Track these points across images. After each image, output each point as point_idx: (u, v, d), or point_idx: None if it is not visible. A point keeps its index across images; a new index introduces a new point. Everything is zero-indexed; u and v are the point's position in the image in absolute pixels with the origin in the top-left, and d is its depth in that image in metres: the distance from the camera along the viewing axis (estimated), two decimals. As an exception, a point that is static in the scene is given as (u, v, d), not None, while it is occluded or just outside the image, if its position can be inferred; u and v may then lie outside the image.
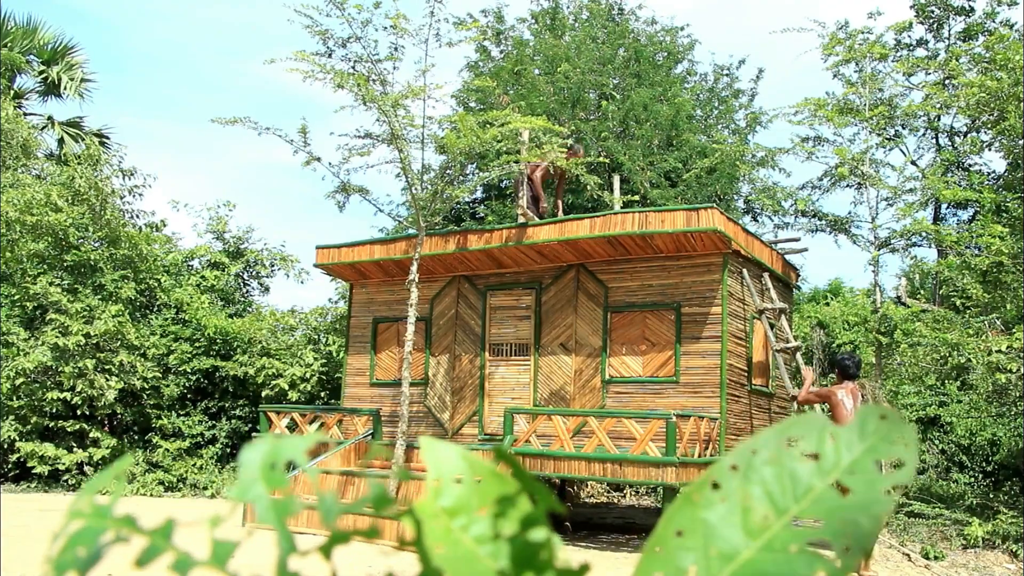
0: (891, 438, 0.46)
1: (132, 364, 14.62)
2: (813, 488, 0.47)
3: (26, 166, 17.89)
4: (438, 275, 12.49)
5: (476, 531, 0.52)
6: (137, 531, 0.56)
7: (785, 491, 0.47)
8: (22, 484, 14.39)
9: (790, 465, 0.48)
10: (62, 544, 0.56)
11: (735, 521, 0.47)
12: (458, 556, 0.51)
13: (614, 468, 9.29)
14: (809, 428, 0.48)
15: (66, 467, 14.10)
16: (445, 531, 0.52)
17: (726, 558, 0.46)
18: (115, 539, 0.56)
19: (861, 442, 0.47)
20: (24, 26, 22.64)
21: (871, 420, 0.47)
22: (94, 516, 0.57)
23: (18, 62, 22.03)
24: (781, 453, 0.48)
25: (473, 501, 0.53)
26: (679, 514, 0.49)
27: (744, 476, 0.48)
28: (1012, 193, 12.82)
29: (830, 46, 13.78)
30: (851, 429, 0.48)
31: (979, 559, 9.61)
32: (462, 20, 16.80)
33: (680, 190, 16.92)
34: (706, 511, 0.48)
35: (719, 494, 0.48)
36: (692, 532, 0.47)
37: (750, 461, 0.48)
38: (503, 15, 20.01)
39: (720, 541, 0.47)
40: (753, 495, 0.47)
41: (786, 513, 0.47)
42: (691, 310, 10.64)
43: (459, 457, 0.56)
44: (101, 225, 15.51)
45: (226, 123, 10.46)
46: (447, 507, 0.54)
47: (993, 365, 10.61)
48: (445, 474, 0.55)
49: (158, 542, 0.55)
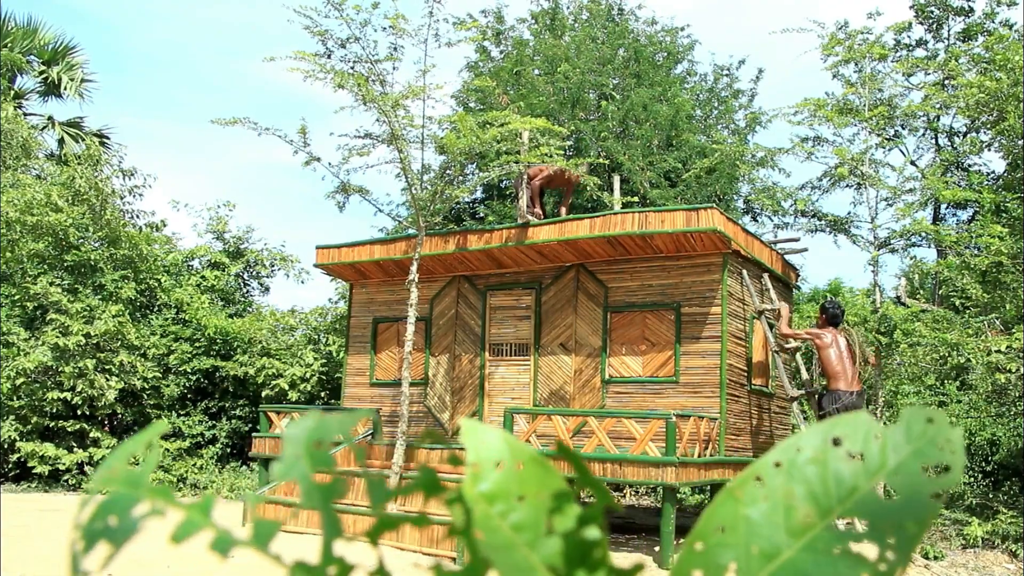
0: (938, 442, 0.46)
1: (132, 364, 14.61)
2: (858, 489, 0.47)
3: (26, 166, 17.88)
4: (438, 275, 12.49)
5: (515, 518, 0.51)
6: (174, 504, 0.52)
7: (829, 491, 0.47)
8: (22, 484, 14.38)
9: (834, 465, 0.48)
10: (92, 510, 0.52)
11: (777, 520, 0.47)
12: (497, 543, 0.50)
13: (614, 468, 9.29)
14: (854, 427, 0.48)
15: (66, 467, 14.08)
16: (484, 517, 0.51)
17: (767, 557, 0.46)
18: (150, 511, 0.51)
19: (908, 444, 0.47)
20: (24, 26, 22.63)
21: (918, 422, 0.47)
22: (126, 483, 0.53)
23: (18, 62, 22.02)
24: (826, 452, 0.48)
25: (513, 488, 0.52)
26: (721, 509, 0.48)
27: (788, 474, 0.48)
28: (1012, 193, 12.83)
29: (829, 46, 13.77)
30: (897, 430, 0.48)
31: (979, 559, 9.62)
32: (462, 20, 16.80)
33: (680, 190, 16.92)
34: (749, 508, 0.48)
35: (762, 491, 0.48)
36: (734, 529, 0.47)
37: (794, 459, 0.48)
38: (503, 15, 20.01)
39: (761, 539, 0.46)
40: (796, 494, 0.47)
41: (829, 513, 0.47)
42: (691, 310, 10.64)
43: (501, 441, 0.55)
44: (101, 225, 15.50)
45: (226, 123, 10.45)
46: (485, 492, 0.53)
47: (993, 365, 10.62)
48: (485, 458, 0.54)
49: (197, 517, 0.51)
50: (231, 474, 14.70)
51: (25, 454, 14.00)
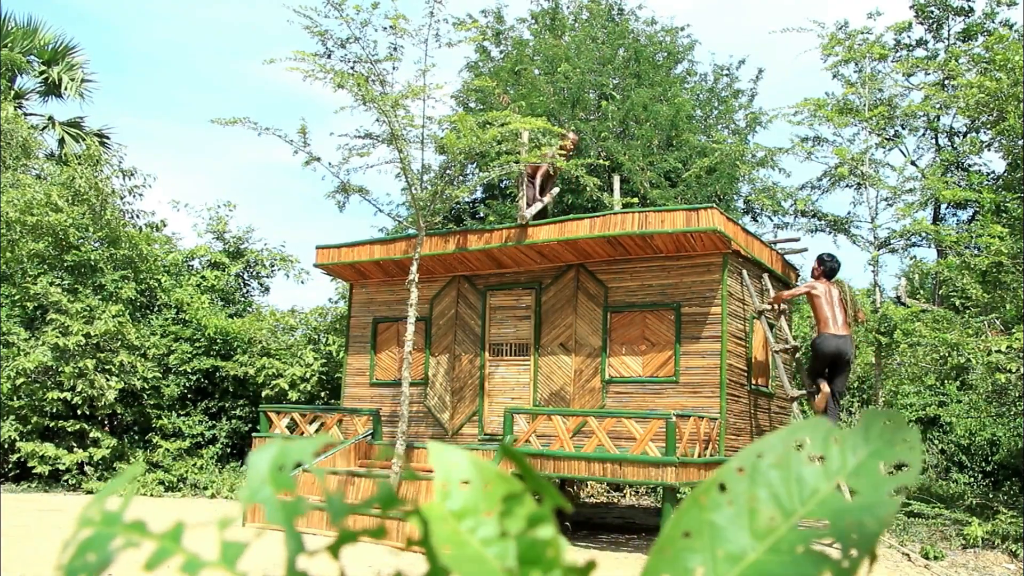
0: (895, 440, 0.47)
1: (132, 364, 14.62)
2: (819, 490, 0.47)
3: (26, 166, 17.89)
4: (438, 275, 12.49)
5: (483, 533, 0.53)
6: (147, 535, 0.57)
7: (791, 493, 0.48)
8: (22, 484, 14.40)
9: (796, 468, 0.48)
10: (73, 551, 0.57)
11: (742, 523, 0.48)
12: (465, 557, 0.51)
13: (614, 468, 9.30)
14: (815, 431, 0.49)
15: (66, 467, 14.10)
16: (453, 533, 0.53)
17: (733, 559, 0.46)
18: (125, 544, 0.57)
19: (866, 445, 0.48)
20: (24, 26, 22.65)
21: (876, 423, 0.48)
22: (104, 523, 0.58)
23: (19, 62, 22.04)
24: (788, 456, 0.49)
25: (481, 504, 0.54)
26: (686, 516, 0.49)
27: (751, 479, 0.49)
28: (1012, 193, 12.83)
29: (829, 46, 13.79)
30: (856, 432, 0.48)
31: (979, 559, 9.62)
32: (462, 20, 16.81)
33: (680, 190, 16.92)
34: (713, 513, 0.49)
35: (726, 496, 0.49)
36: (699, 533, 0.48)
37: (756, 464, 0.49)
38: (503, 15, 20.02)
39: (727, 543, 0.47)
40: (760, 497, 0.48)
41: (792, 515, 0.47)
42: (691, 310, 10.64)
43: (467, 461, 0.57)
44: (101, 225, 15.52)
45: (226, 123, 10.46)
46: (455, 510, 0.55)
47: (993, 365, 10.62)
48: (452, 478, 0.56)
49: (168, 545, 0.56)
50: (231, 474, 14.71)
51: (25, 454, 14.02)
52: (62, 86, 22.92)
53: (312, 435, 1.88)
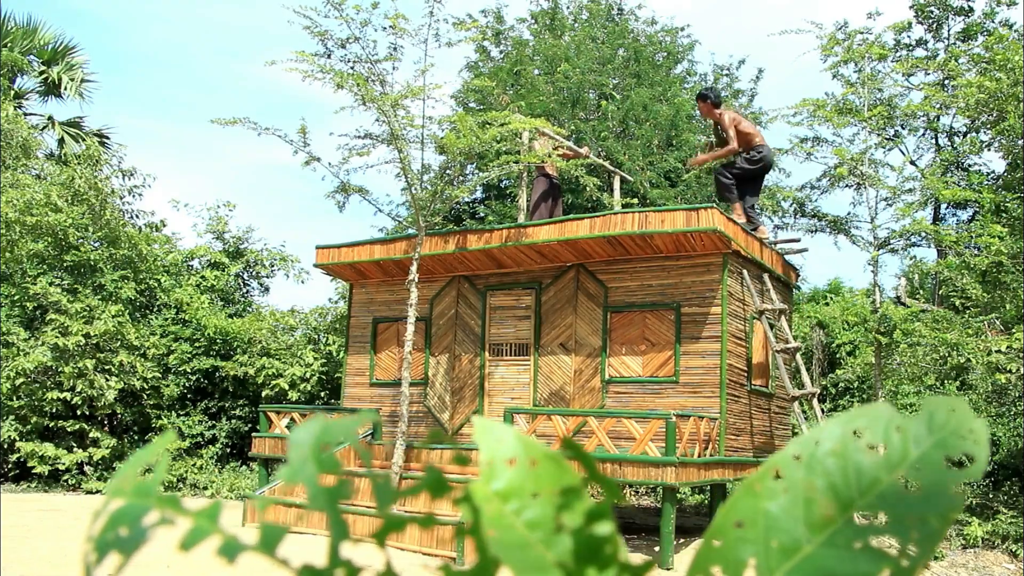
0: (961, 432, 0.46)
1: (132, 364, 14.60)
2: (879, 481, 0.46)
3: (26, 166, 17.86)
4: (438, 275, 12.48)
5: (529, 516, 0.51)
6: (182, 512, 0.54)
7: (849, 484, 0.46)
8: (22, 484, 14.38)
9: (855, 457, 0.47)
10: (103, 523, 0.54)
11: (797, 514, 0.46)
12: (511, 541, 0.49)
13: (614, 468, 9.29)
14: (875, 419, 0.48)
15: (66, 467, 14.08)
16: (498, 515, 0.51)
17: (787, 552, 0.45)
18: (160, 520, 0.53)
19: (930, 435, 0.46)
20: (24, 26, 22.61)
21: (940, 412, 0.47)
22: (136, 493, 0.55)
23: (18, 62, 22.01)
24: (846, 444, 0.47)
25: (527, 484, 0.52)
26: (740, 504, 0.48)
27: (807, 467, 0.47)
28: (1011, 193, 12.82)
29: (829, 46, 13.77)
30: (919, 421, 0.47)
31: (979, 559, 9.62)
32: (461, 20, 16.79)
33: (680, 190, 16.92)
34: (768, 502, 0.47)
35: (782, 485, 0.48)
36: (753, 523, 0.47)
37: (813, 452, 0.48)
38: (503, 15, 20.01)
39: (781, 534, 0.46)
40: (816, 487, 0.47)
41: (850, 507, 0.46)
42: (691, 310, 10.63)
43: (514, 439, 0.55)
44: (101, 225, 15.49)
45: (226, 124, 10.44)
46: (499, 490, 0.53)
47: (992, 365, 10.62)
48: (498, 456, 0.54)
49: (204, 524, 0.52)
50: (231, 474, 14.70)
51: (25, 454, 13.99)
52: (62, 86, 22.89)
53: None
